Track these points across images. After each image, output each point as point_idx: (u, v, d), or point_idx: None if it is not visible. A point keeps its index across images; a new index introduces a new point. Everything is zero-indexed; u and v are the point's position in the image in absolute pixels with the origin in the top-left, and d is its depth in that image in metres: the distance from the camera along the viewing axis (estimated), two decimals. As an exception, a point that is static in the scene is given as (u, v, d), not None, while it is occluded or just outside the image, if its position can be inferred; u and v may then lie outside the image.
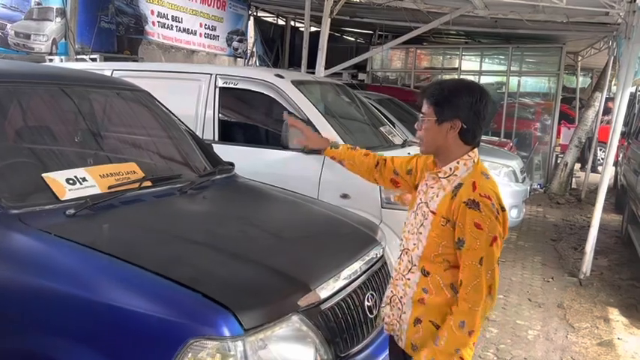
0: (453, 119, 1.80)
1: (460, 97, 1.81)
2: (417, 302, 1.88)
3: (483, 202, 1.73)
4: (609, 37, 9.34)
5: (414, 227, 1.92)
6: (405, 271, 1.94)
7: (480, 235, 1.73)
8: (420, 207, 1.92)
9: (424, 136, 1.89)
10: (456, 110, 1.80)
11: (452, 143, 1.84)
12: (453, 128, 1.81)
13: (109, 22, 7.71)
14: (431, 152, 1.93)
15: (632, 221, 6.18)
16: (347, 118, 4.68)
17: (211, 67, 5.33)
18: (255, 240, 2.29)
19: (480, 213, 1.73)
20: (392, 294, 2.01)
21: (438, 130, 1.83)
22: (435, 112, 1.83)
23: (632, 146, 7.45)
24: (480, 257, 1.74)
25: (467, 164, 1.85)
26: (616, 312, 4.57)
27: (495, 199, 1.76)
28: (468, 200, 1.75)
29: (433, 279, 1.86)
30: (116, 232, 2.15)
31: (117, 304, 1.77)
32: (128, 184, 2.43)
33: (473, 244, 1.74)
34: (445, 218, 1.80)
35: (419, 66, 13.47)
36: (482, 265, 1.73)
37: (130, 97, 3.21)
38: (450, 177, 1.85)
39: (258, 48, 12.73)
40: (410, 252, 1.92)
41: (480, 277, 1.74)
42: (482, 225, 1.72)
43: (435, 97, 1.83)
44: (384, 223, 3.60)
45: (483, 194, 1.75)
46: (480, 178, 1.81)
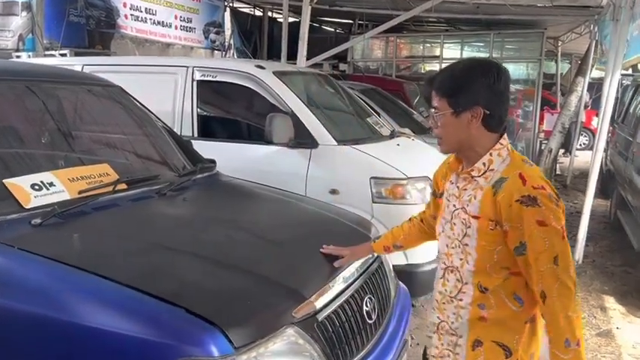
0: (473, 107, 1.54)
1: (474, 79, 1.54)
2: (477, 321, 1.61)
3: (541, 195, 1.47)
4: (591, 21, 9.28)
5: (456, 240, 1.63)
6: (453, 292, 1.65)
7: (547, 232, 1.47)
8: (456, 215, 1.64)
9: (443, 134, 1.61)
10: (473, 96, 1.54)
11: (477, 135, 1.57)
12: (474, 117, 1.55)
13: (78, 16, 7.41)
14: (454, 150, 1.66)
15: (621, 206, 6.13)
16: (332, 110, 4.50)
17: (188, 60, 5.12)
18: (242, 245, 2.10)
19: (541, 208, 1.46)
20: (439, 320, 1.72)
21: (457, 124, 1.57)
22: (450, 104, 1.56)
23: (617, 130, 7.41)
24: (554, 257, 1.47)
25: (501, 154, 1.58)
26: (612, 300, 4.49)
27: (549, 187, 1.51)
28: (521, 198, 1.48)
29: (494, 294, 1.58)
30: (88, 243, 1.95)
31: (91, 324, 1.57)
32: (101, 188, 2.23)
33: (541, 246, 1.47)
34: (493, 221, 1.53)
35: (400, 55, 13.34)
36: (559, 265, 1.47)
37: (102, 93, 2.99)
38: (486, 173, 1.58)
39: (236, 40, 12.48)
40: (458, 269, 1.64)
41: (560, 278, 1.47)
42: (547, 220, 1.46)
43: (446, 86, 1.58)
44: (376, 218, 3.44)
45: (537, 186, 1.48)
46: (525, 168, 1.54)
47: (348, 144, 3.78)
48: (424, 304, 4.17)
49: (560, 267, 1.47)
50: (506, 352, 1.59)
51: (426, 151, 4.57)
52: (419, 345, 3.56)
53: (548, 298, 1.49)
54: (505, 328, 1.58)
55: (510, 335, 1.58)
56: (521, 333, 1.59)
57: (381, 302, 2.25)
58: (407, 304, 2.60)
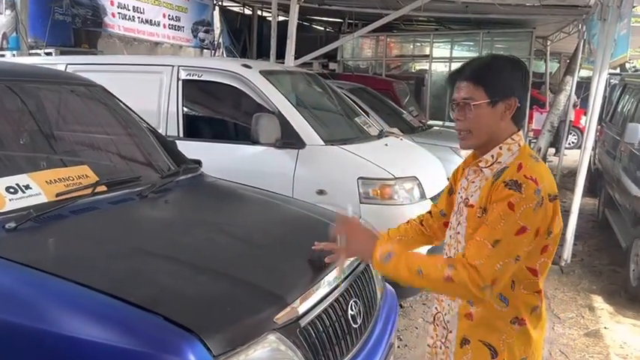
0: (509, 98, 1.51)
1: (510, 71, 1.53)
2: (464, 317, 1.60)
3: (527, 184, 1.42)
4: (579, 21, 9.32)
5: (453, 230, 1.64)
6: None
7: (509, 216, 1.41)
8: (459, 206, 1.63)
9: (475, 125, 1.54)
10: (510, 87, 1.52)
11: (504, 127, 1.54)
12: (508, 109, 1.52)
13: (63, 14, 7.30)
14: (482, 143, 1.57)
15: (609, 205, 6.15)
16: (320, 109, 4.47)
17: (173, 59, 5.06)
18: (224, 249, 2.05)
19: (520, 194, 1.41)
20: (436, 311, 1.73)
21: (492, 114, 1.52)
22: (487, 93, 1.51)
23: (605, 129, 7.44)
24: (496, 239, 1.41)
25: (511, 149, 1.54)
26: (600, 299, 4.49)
27: (544, 185, 1.44)
28: (509, 180, 1.44)
29: None
30: (64, 248, 1.89)
31: (65, 333, 1.51)
32: (79, 190, 2.17)
33: (495, 222, 1.42)
34: (482, 208, 1.50)
35: (390, 54, 13.34)
36: (495, 248, 1.41)
37: (84, 92, 2.93)
38: (493, 165, 1.55)
39: (225, 39, 12.40)
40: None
41: (488, 260, 1.41)
42: (516, 207, 1.41)
43: (482, 75, 1.53)
44: (364, 219, 3.39)
45: (529, 176, 1.43)
46: (528, 160, 1.50)
47: (335, 144, 3.74)
48: (412, 305, 4.15)
49: (495, 251, 1.41)
50: (492, 353, 1.57)
51: (414, 151, 4.55)
52: (407, 347, 3.54)
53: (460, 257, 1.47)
54: (491, 328, 1.56)
55: (496, 335, 1.56)
56: (507, 333, 1.56)
57: (366, 305, 2.21)
58: (394, 306, 2.56)
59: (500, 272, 1.42)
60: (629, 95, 6.60)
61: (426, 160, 4.36)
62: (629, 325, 4.06)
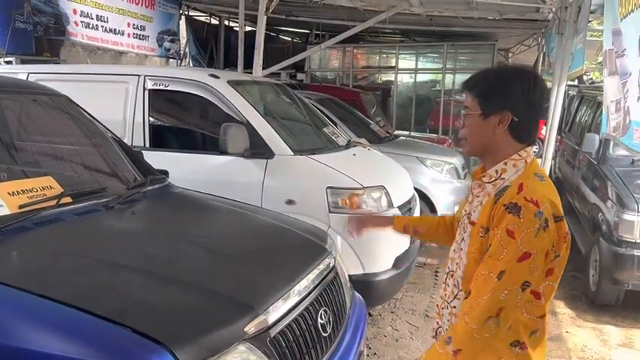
0: (502, 111, 1.50)
1: (509, 84, 1.51)
2: None
3: (526, 208, 1.40)
4: (538, 34, 9.64)
5: (458, 244, 1.63)
6: (450, 298, 1.63)
7: (510, 245, 1.39)
8: (463, 220, 1.63)
9: (468, 134, 1.58)
10: (504, 100, 1.50)
11: (501, 141, 1.52)
12: (501, 122, 1.51)
13: (25, 22, 7.12)
14: (477, 153, 1.61)
15: (569, 213, 6.34)
16: (288, 120, 4.48)
17: (139, 68, 5.00)
18: (192, 260, 2.04)
19: (519, 219, 1.39)
20: (437, 325, 1.70)
21: (483, 126, 1.53)
22: (480, 104, 1.53)
23: (565, 139, 7.69)
24: (501, 271, 1.40)
25: (517, 165, 1.52)
26: (562, 305, 4.61)
27: (547, 206, 1.42)
28: (508, 203, 1.42)
29: None
30: (27, 260, 1.85)
31: (30, 347, 1.48)
32: (43, 202, 2.13)
33: (497, 253, 1.41)
34: (484, 227, 1.48)
35: (357, 65, 13.50)
36: (501, 281, 1.40)
37: (47, 102, 2.87)
38: (496, 181, 1.54)
39: (192, 48, 12.30)
40: (455, 274, 1.63)
41: (493, 293, 1.40)
42: (516, 234, 1.39)
43: (479, 87, 1.55)
44: (333, 228, 3.43)
45: (529, 198, 1.41)
46: (531, 180, 1.47)
47: (304, 154, 3.76)
48: (381, 313, 4.18)
49: (499, 283, 1.40)
50: None
51: (382, 161, 4.61)
52: (376, 355, 3.56)
53: (470, 299, 1.46)
54: (490, 349, 1.49)
55: (495, 357, 1.51)
56: (506, 356, 1.52)
57: (336, 314, 2.23)
58: (363, 314, 2.59)
59: (505, 301, 1.41)
60: (587, 106, 6.85)
61: (393, 170, 4.42)
62: (590, 329, 4.19)
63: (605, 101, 3.64)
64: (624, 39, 3.06)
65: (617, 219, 4.23)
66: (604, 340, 4.03)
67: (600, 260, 4.39)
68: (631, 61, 2.95)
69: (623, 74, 3.12)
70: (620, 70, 3.19)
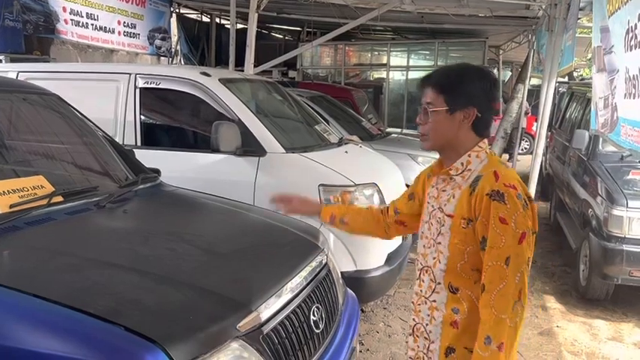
0: (467, 107, 1.57)
1: (473, 81, 1.59)
2: (449, 326, 1.61)
3: (508, 193, 1.49)
4: (529, 31, 9.69)
5: (431, 239, 1.67)
6: (427, 293, 1.67)
7: (506, 230, 1.47)
8: (433, 214, 1.67)
9: (432, 130, 1.62)
10: (470, 97, 1.58)
11: (463, 135, 1.60)
12: (466, 118, 1.58)
13: (14, 21, 7.07)
14: (438, 148, 1.66)
15: (560, 209, 6.40)
16: (280, 117, 4.48)
17: (130, 67, 4.98)
18: (185, 258, 2.04)
19: (505, 205, 1.48)
20: (415, 322, 1.73)
21: (449, 122, 1.59)
22: (446, 101, 1.58)
23: (555, 136, 7.74)
24: (507, 257, 1.47)
25: (480, 156, 1.61)
26: (552, 299, 4.66)
27: (521, 188, 1.53)
28: (491, 192, 1.50)
29: (464, 295, 1.58)
30: (20, 260, 1.85)
31: (22, 346, 1.48)
32: (34, 201, 2.12)
33: (497, 242, 1.48)
34: (466, 219, 1.55)
35: (348, 62, 13.50)
36: (509, 266, 1.47)
37: (38, 101, 2.86)
38: (464, 172, 1.61)
39: (183, 46, 12.27)
40: (431, 269, 1.66)
41: (507, 279, 1.47)
42: (508, 219, 1.47)
43: (444, 83, 1.60)
44: (325, 226, 3.43)
45: (508, 184, 1.50)
46: (501, 167, 1.57)
47: (296, 152, 3.76)
48: (373, 309, 4.20)
49: (511, 268, 1.47)
50: None
51: (373, 158, 4.62)
52: (369, 351, 3.58)
53: (486, 293, 1.50)
54: (476, 335, 1.53)
55: None
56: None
57: (328, 310, 2.24)
58: (355, 310, 2.60)
59: (521, 282, 1.48)
60: (576, 103, 6.91)
61: (385, 167, 4.43)
62: (580, 324, 4.23)
63: (594, 98, 3.67)
64: (612, 36, 3.09)
65: (606, 214, 4.27)
66: (594, 334, 4.07)
67: (590, 255, 4.44)
68: (618, 57, 2.97)
69: (611, 71, 3.14)
70: (608, 67, 3.22)
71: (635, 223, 4.16)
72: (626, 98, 2.84)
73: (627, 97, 2.82)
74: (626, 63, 2.80)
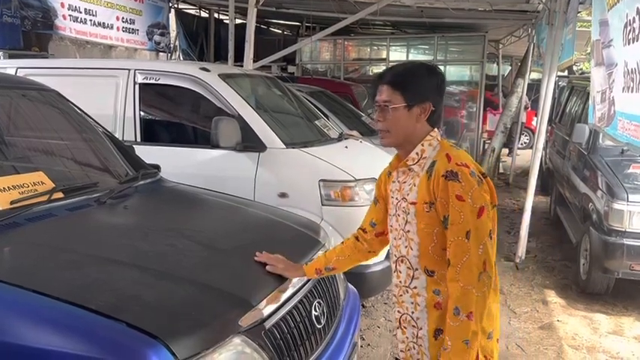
0: (424, 102, 1.67)
1: (426, 78, 1.69)
2: (433, 308, 1.68)
3: (462, 172, 1.59)
4: (528, 25, 9.66)
5: (400, 230, 1.74)
6: (407, 281, 1.74)
7: (463, 207, 1.57)
8: (398, 206, 1.75)
9: (392, 126, 1.70)
10: (425, 92, 1.68)
11: (420, 128, 1.70)
12: (423, 112, 1.68)
13: (12, 17, 7.04)
14: (399, 143, 1.74)
15: (560, 203, 6.40)
16: (280, 112, 4.47)
17: (129, 62, 4.96)
18: (186, 254, 2.04)
19: (460, 183, 1.58)
20: (400, 314, 1.79)
21: (407, 117, 1.68)
22: (404, 97, 1.66)
23: (555, 130, 7.73)
24: (467, 231, 1.57)
25: (432, 144, 1.71)
26: (553, 294, 4.66)
27: (474, 166, 1.64)
28: (445, 172, 1.60)
29: (440, 276, 1.65)
30: (21, 256, 1.84)
31: (24, 343, 1.48)
32: (35, 197, 2.12)
33: (457, 219, 1.57)
34: (428, 203, 1.64)
35: (348, 57, 13.45)
36: (470, 240, 1.56)
37: (37, 97, 2.85)
38: (420, 161, 1.70)
39: (182, 42, 12.23)
40: (406, 257, 1.74)
41: (469, 252, 1.56)
42: (464, 196, 1.57)
43: (401, 81, 1.68)
44: (326, 221, 3.44)
45: (460, 163, 1.61)
46: (452, 150, 1.67)
47: (296, 147, 3.76)
48: (374, 305, 4.20)
49: (472, 241, 1.56)
50: None
51: (374, 153, 4.61)
52: (370, 346, 3.59)
53: (452, 267, 1.58)
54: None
55: None
56: None
57: (330, 306, 2.24)
58: (356, 306, 2.60)
59: (485, 254, 1.57)
60: (577, 97, 6.89)
61: (385, 162, 4.40)
62: (580, 318, 4.24)
63: (592, 92, 3.66)
64: (611, 29, 3.08)
65: (606, 208, 4.27)
66: (594, 328, 4.08)
67: (590, 249, 4.44)
68: (617, 51, 2.96)
69: (609, 65, 3.14)
70: (607, 61, 3.21)
71: (635, 217, 4.15)
72: (625, 92, 2.83)
73: (626, 91, 2.82)
74: (625, 57, 2.79)
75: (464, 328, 1.55)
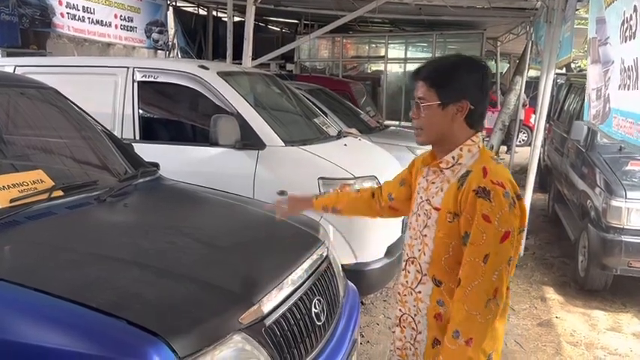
0: (460, 100, 1.55)
1: (465, 73, 1.56)
2: (433, 319, 1.61)
3: (495, 191, 1.47)
4: (526, 23, 9.66)
5: (417, 231, 1.66)
6: (413, 284, 1.67)
7: (488, 228, 1.46)
8: (421, 206, 1.66)
9: (425, 124, 1.60)
10: (462, 90, 1.55)
11: (457, 129, 1.58)
12: (460, 111, 1.56)
13: (10, 15, 7.03)
14: (432, 142, 1.65)
15: (558, 200, 6.41)
16: (279, 110, 4.47)
17: (128, 60, 4.96)
18: (186, 252, 2.04)
19: (490, 203, 1.46)
20: (401, 313, 1.73)
21: (441, 116, 1.57)
22: (438, 95, 1.56)
23: (553, 127, 7.74)
24: (485, 254, 1.46)
25: (471, 150, 1.59)
26: (551, 290, 4.68)
27: (510, 186, 1.50)
28: (477, 188, 1.48)
29: (447, 289, 1.57)
30: (21, 255, 1.85)
31: (24, 341, 1.48)
32: (34, 196, 2.12)
33: (478, 239, 1.47)
34: (452, 213, 1.54)
35: (346, 55, 13.47)
36: (487, 264, 1.46)
37: (36, 95, 2.85)
38: (454, 167, 1.59)
39: (180, 39, 12.22)
40: (417, 260, 1.66)
41: (483, 277, 1.46)
42: (492, 217, 1.45)
43: (435, 77, 1.58)
44: (325, 219, 3.43)
45: (496, 181, 1.49)
46: (491, 163, 1.55)
47: (295, 145, 3.76)
48: (373, 302, 4.21)
49: (489, 267, 1.46)
50: None
51: (373, 151, 4.62)
52: (369, 343, 3.60)
53: (461, 287, 1.50)
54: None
55: None
56: None
57: (330, 303, 2.24)
58: (356, 303, 2.61)
59: (498, 281, 1.47)
60: (575, 94, 6.90)
61: (384, 160, 4.43)
62: (579, 314, 4.25)
63: (588, 89, 3.67)
64: (608, 27, 3.08)
65: (605, 205, 4.28)
66: (593, 324, 4.09)
67: (589, 246, 4.45)
68: (613, 49, 2.97)
69: (606, 62, 3.14)
70: (603, 59, 3.22)
71: (633, 213, 4.17)
72: (621, 89, 2.84)
73: (622, 89, 2.82)
74: (622, 54, 2.80)
75: (460, 354, 1.49)
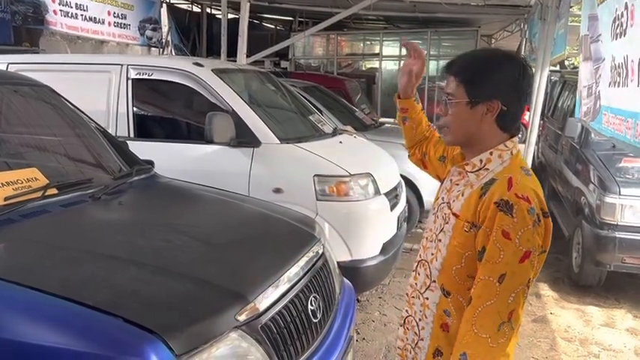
0: (491, 100, 1.40)
1: (499, 70, 1.41)
2: (439, 328, 1.50)
3: (519, 205, 1.31)
4: (521, 20, 9.69)
5: (434, 233, 1.53)
6: (422, 288, 1.55)
7: (506, 246, 1.31)
8: (440, 208, 1.53)
9: (452, 123, 1.47)
10: (493, 88, 1.40)
11: (487, 130, 1.43)
12: (490, 111, 1.41)
13: (3, 12, 6.98)
14: (459, 143, 1.52)
15: (552, 197, 6.43)
16: (274, 108, 4.46)
17: (122, 57, 4.93)
18: (182, 249, 2.04)
19: (512, 219, 1.31)
20: (407, 314, 1.63)
21: (470, 115, 1.43)
22: (467, 92, 1.42)
23: (547, 124, 7.77)
24: (501, 274, 1.31)
25: (502, 156, 1.43)
26: (546, 287, 4.70)
27: (536, 202, 1.34)
28: (499, 201, 1.33)
29: (455, 301, 1.45)
30: (15, 253, 1.84)
31: (21, 339, 1.48)
32: (29, 194, 2.11)
33: (495, 257, 1.32)
34: (470, 222, 1.40)
35: (341, 52, 13.47)
36: (503, 284, 1.31)
37: (30, 93, 2.84)
38: (480, 171, 1.45)
39: (174, 37, 12.17)
40: (428, 264, 1.54)
41: (497, 298, 1.32)
42: (512, 234, 1.31)
43: (466, 73, 1.43)
44: (320, 216, 3.45)
45: (521, 195, 1.33)
46: (519, 174, 1.39)
47: (290, 142, 3.76)
48: (369, 299, 4.22)
49: (503, 287, 1.32)
50: None
51: (368, 148, 4.62)
52: (364, 340, 3.60)
53: (471, 307, 1.36)
54: None
55: None
56: None
57: (326, 300, 2.25)
58: (352, 300, 2.61)
59: (515, 304, 1.33)
60: (569, 91, 6.92)
61: (379, 157, 4.44)
62: (573, 310, 4.28)
63: (579, 86, 3.69)
64: (599, 24, 3.10)
65: (598, 202, 4.31)
66: (587, 320, 4.12)
67: (583, 242, 4.48)
68: (604, 46, 2.98)
69: (597, 59, 3.15)
70: (594, 56, 3.23)
71: (627, 210, 4.19)
72: (611, 87, 2.85)
73: (612, 86, 2.84)
74: (613, 51, 2.81)
75: None
